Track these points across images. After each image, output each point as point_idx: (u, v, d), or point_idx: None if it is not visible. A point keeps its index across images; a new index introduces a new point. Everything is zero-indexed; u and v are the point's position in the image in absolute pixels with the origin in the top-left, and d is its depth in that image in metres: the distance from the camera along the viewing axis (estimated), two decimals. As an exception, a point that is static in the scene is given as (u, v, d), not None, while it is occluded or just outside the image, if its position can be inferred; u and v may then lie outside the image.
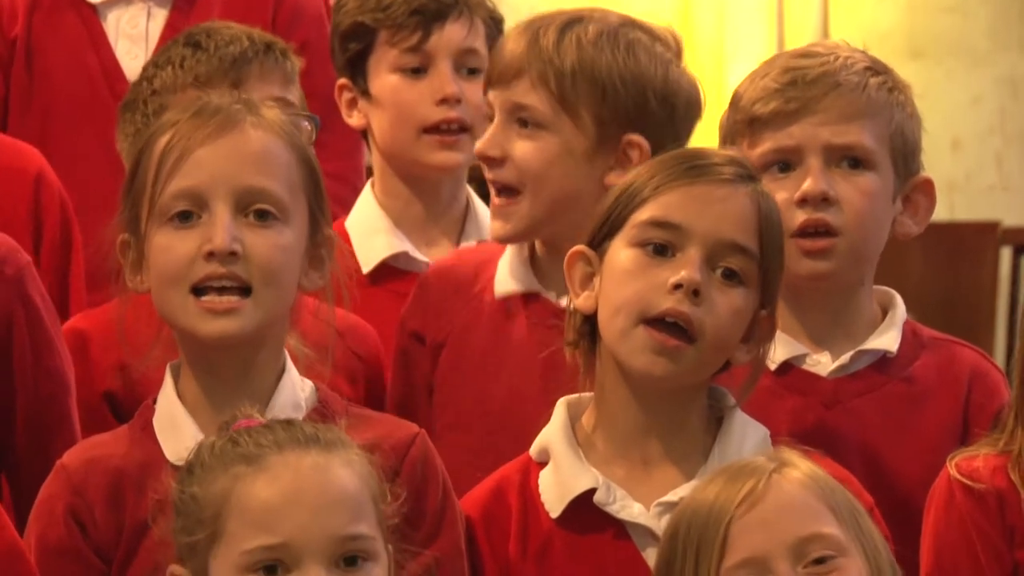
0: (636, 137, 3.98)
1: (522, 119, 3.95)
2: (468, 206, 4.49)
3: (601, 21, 4.02)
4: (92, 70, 4.38)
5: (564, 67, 3.95)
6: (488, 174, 3.97)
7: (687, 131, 4.06)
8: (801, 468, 3.27)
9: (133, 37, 4.79)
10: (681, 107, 4.06)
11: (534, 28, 4.00)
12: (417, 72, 4.37)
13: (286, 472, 3.14)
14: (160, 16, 4.82)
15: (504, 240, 3.98)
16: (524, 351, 3.92)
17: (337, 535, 3.12)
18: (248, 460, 3.15)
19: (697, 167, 3.53)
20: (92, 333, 3.97)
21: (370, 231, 4.31)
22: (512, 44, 3.99)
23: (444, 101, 4.35)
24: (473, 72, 4.41)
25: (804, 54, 3.92)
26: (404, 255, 4.33)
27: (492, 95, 3.99)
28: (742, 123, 3.82)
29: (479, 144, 3.97)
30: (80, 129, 4.18)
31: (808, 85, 3.77)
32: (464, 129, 4.37)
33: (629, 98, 4.00)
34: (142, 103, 4.08)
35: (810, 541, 3.21)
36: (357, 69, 4.41)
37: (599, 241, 3.52)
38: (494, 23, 4.45)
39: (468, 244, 4.34)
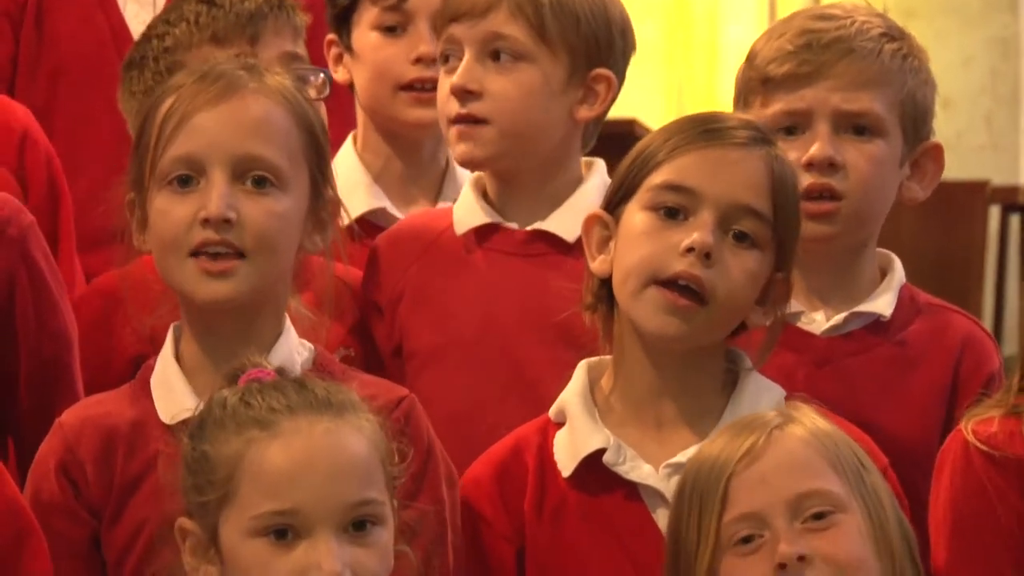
0: (604, 71, 4.01)
1: (496, 51, 3.95)
2: (448, 166, 4.50)
3: None
4: (101, 32, 4.38)
5: None
6: (460, 108, 3.95)
7: (627, 66, 4.10)
8: (805, 424, 3.30)
9: (141, 1, 4.77)
10: (630, 42, 4.10)
11: None
12: (395, 30, 4.38)
13: (298, 439, 3.14)
14: None
15: (469, 163, 4.00)
16: (491, 279, 3.95)
17: (348, 502, 3.13)
18: (261, 425, 3.15)
19: (711, 131, 3.54)
20: (113, 294, 3.95)
21: (350, 186, 4.24)
22: None
23: (420, 60, 4.35)
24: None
25: (821, 15, 3.91)
26: (382, 211, 4.34)
27: (459, 29, 3.97)
28: (756, 81, 3.83)
29: (456, 78, 3.94)
30: (88, 91, 4.21)
31: (822, 49, 3.78)
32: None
33: (600, 30, 4.01)
34: (152, 60, 4.07)
35: (808, 497, 3.23)
36: (343, 25, 4.43)
37: (615, 205, 3.54)
38: None
39: (445, 204, 4.32)
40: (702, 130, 3.53)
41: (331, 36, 4.49)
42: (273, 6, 4.11)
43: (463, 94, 3.95)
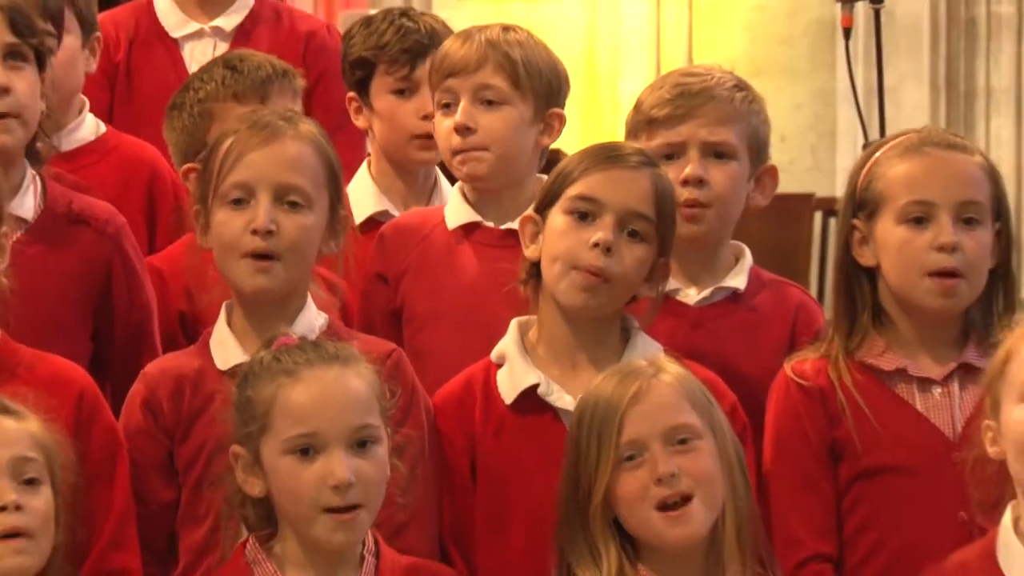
0: (558, 110, 4.03)
1: (486, 99, 3.94)
2: (435, 182, 4.46)
3: (521, 30, 4.05)
4: (171, 85, 4.25)
5: (515, 58, 3.95)
6: (462, 142, 3.95)
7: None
8: (671, 372, 3.33)
9: (201, 63, 4.62)
10: (568, 88, 4.09)
11: (480, 33, 4.01)
12: (404, 93, 4.35)
13: (316, 383, 3.22)
14: (223, 48, 4.75)
15: (474, 180, 3.97)
16: (475, 264, 3.93)
17: (353, 426, 3.20)
18: (288, 373, 3.23)
19: (612, 156, 3.57)
20: (165, 270, 3.97)
21: (365, 195, 4.27)
22: (465, 45, 3.97)
23: (427, 117, 4.26)
24: None
25: (690, 73, 3.95)
26: (386, 212, 4.29)
27: (455, 82, 3.96)
28: (643, 122, 3.83)
29: (458, 118, 3.93)
30: (160, 127, 4.11)
31: (691, 97, 3.79)
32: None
33: (553, 79, 4.03)
34: (189, 106, 4.05)
35: (677, 429, 3.27)
36: (362, 87, 4.35)
37: (543, 208, 3.57)
38: None
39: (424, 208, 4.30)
40: (605, 156, 3.57)
41: (351, 94, 4.41)
42: (279, 74, 4.08)
43: (464, 130, 3.93)
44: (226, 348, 3.50)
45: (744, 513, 3.29)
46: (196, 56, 4.80)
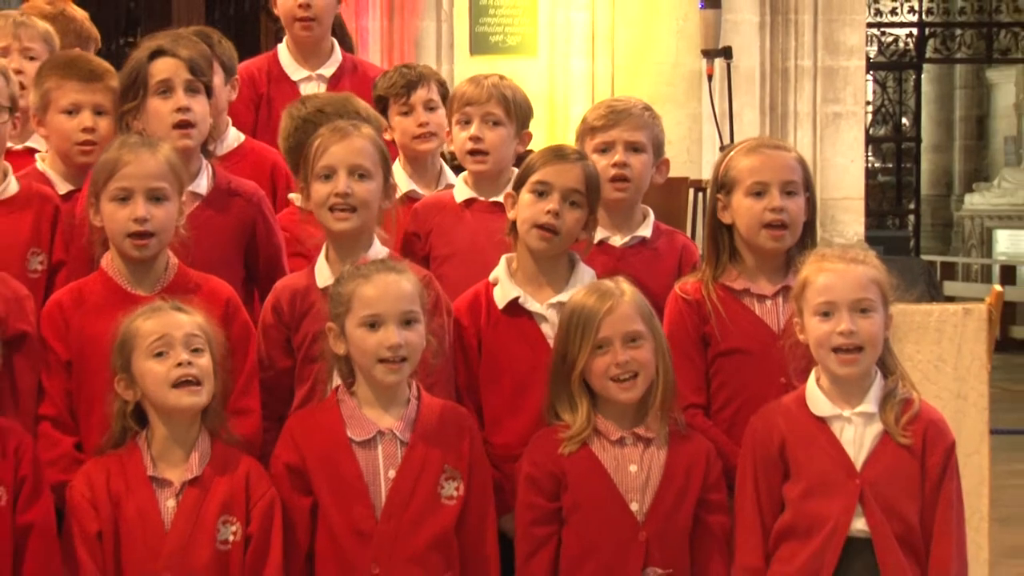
0: (528, 130, 4.03)
1: (490, 121, 3.93)
2: (441, 169, 4.31)
3: (508, 79, 4.02)
4: None
5: (508, 96, 3.95)
6: (472, 148, 3.91)
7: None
8: (630, 293, 3.28)
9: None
10: (532, 115, 4.06)
11: (484, 79, 3.98)
12: (407, 114, 4.24)
13: (380, 282, 3.20)
14: (323, 87, 4.69)
15: (481, 175, 3.92)
16: (474, 224, 3.86)
17: (402, 310, 3.18)
18: (363, 276, 3.21)
19: (558, 154, 3.53)
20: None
21: (400, 179, 4.10)
22: (477, 87, 3.95)
23: (421, 125, 4.21)
24: (432, 110, 4.24)
25: (616, 100, 3.92)
26: (414, 191, 4.16)
27: (470, 109, 3.92)
28: (587, 129, 3.77)
29: (473, 132, 3.90)
30: None
31: (618, 113, 3.75)
32: (433, 134, 4.22)
33: (528, 110, 4.02)
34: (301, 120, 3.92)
35: (633, 333, 3.25)
36: (384, 112, 4.24)
37: (516, 188, 3.52)
38: (440, 85, 4.30)
39: (442, 188, 4.22)
40: (553, 154, 3.53)
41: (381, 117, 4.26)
42: (347, 117, 3.82)
43: (476, 140, 3.90)
44: (323, 273, 3.44)
45: (668, 385, 3.27)
46: (308, 92, 4.67)
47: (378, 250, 3.47)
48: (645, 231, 3.79)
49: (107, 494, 3.05)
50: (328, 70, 4.79)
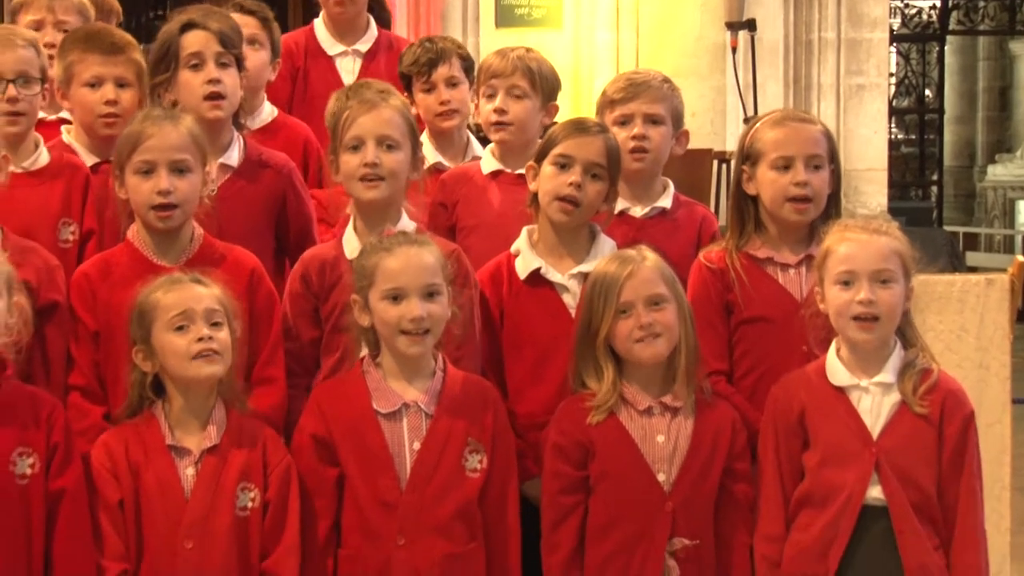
0: (555, 103, 4.01)
1: (515, 94, 3.92)
2: (468, 141, 4.29)
3: (535, 51, 4.01)
4: (330, 87, 4.12)
5: (534, 68, 3.93)
6: (496, 120, 3.91)
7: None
8: (651, 259, 3.27)
9: (349, 72, 4.69)
10: (560, 88, 4.04)
11: (510, 52, 3.97)
12: (429, 92, 4.22)
13: (402, 255, 3.19)
14: (359, 63, 4.70)
15: (506, 146, 3.91)
16: (499, 195, 3.85)
17: (426, 283, 3.17)
18: (386, 249, 3.20)
19: (579, 128, 3.52)
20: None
21: (428, 152, 4.07)
22: (503, 59, 3.94)
23: (443, 103, 4.18)
24: (454, 87, 4.22)
25: (636, 72, 3.93)
26: (440, 162, 4.14)
27: (496, 81, 3.91)
28: (606, 102, 3.77)
29: (498, 104, 3.90)
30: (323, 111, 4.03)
31: (637, 86, 3.75)
32: (455, 111, 4.21)
33: (555, 82, 4.00)
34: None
35: (654, 296, 3.23)
36: (409, 88, 4.24)
37: (538, 160, 3.51)
38: (462, 59, 4.27)
39: (469, 160, 4.19)
40: (575, 127, 3.51)
41: (406, 94, 4.25)
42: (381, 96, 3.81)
43: (501, 113, 3.90)
44: (351, 243, 3.43)
45: (691, 350, 3.26)
46: (343, 67, 4.74)
47: (405, 223, 3.45)
48: (665, 202, 3.77)
49: (127, 463, 3.05)
50: (364, 46, 4.78)
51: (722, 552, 3.23)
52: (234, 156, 3.72)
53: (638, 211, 3.75)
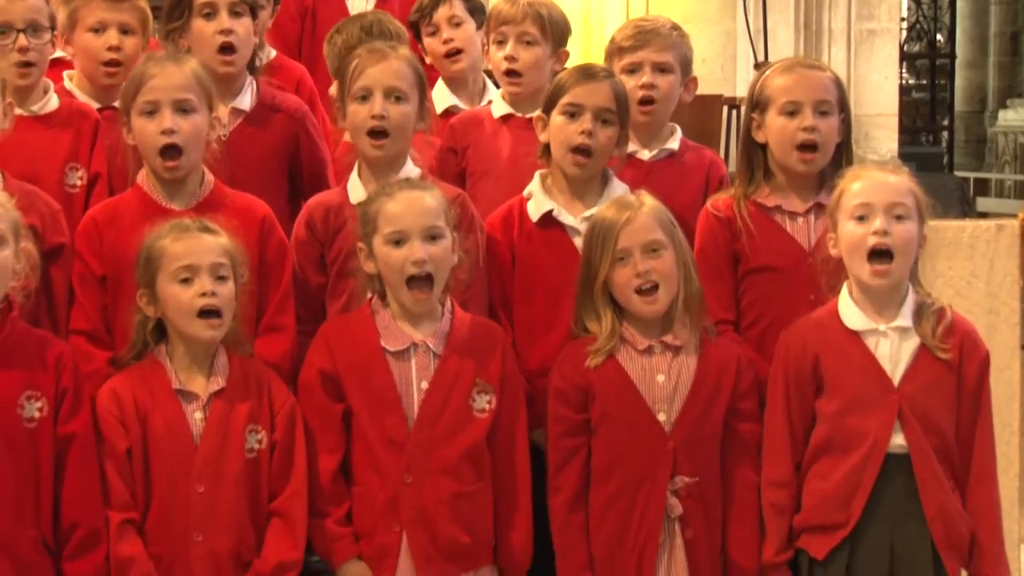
0: (565, 49, 3.98)
1: (525, 40, 3.89)
2: (484, 85, 4.26)
3: None
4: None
5: (544, 15, 3.90)
6: (507, 67, 3.88)
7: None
8: (649, 205, 3.24)
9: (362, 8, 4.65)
10: (570, 34, 4.02)
11: None
12: (434, 34, 4.22)
13: (404, 199, 3.18)
14: (371, 2, 4.73)
15: (517, 95, 3.89)
16: (510, 140, 3.83)
17: (427, 225, 3.15)
18: (388, 194, 3.19)
19: (588, 73, 3.50)
20: None
21: (439, 96, 4.12)
22: (513, 6, 3.91)
23: (446, 43, 4.18)
24: (456, 26, 4.21)
25: (644, 19, 3.92)
26: (455, 105, 4.14)
27: (506, 28, 3.89)
28: (615, 50, 3.76)
29: (508, 52, 3.87)
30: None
31: (646, 33, 3.73)
32: (460, 50, 4.19)
33: (565, 28, 3.97)
34: (337, 44, 3.98)
35: (651, 243, 3.20)
36: (419, 37, 4.25)
37: (547, 109, 3.49)
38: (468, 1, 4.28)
39: (484, 103, 4.15)
40: (583, 73, 3.49)
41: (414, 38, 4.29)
42: (391, 36, 3.92)
43: (511, 60, 3.87)
44: (356, 189, 3.43)
45: (692, 294, 3.24)
46: (355, 3, 4.73)
47: (409, 170, 3.43)
48: (673, 144, 3.76)
49: (135, 410, 3.04)
50: None
51: (728, 490, 3.22)
52: (246, 100, 3.70)
53: (646, 154, 3.74)
